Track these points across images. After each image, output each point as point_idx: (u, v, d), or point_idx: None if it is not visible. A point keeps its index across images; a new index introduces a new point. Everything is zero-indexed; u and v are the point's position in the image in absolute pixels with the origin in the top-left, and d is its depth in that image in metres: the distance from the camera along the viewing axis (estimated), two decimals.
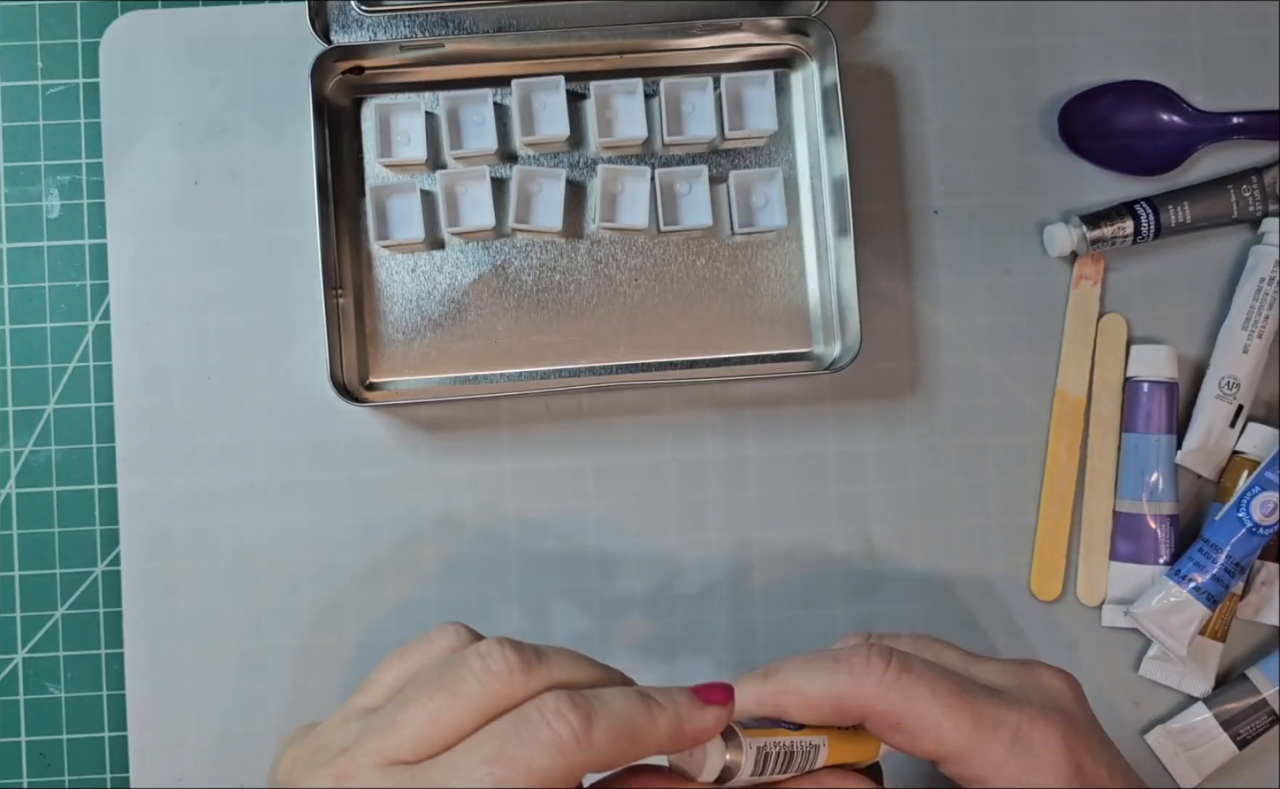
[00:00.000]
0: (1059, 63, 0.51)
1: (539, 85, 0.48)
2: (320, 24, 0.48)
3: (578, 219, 0.49)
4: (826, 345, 0.49)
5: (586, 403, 0.49)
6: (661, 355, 0.49)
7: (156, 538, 0.48)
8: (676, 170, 0.49)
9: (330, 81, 0.48)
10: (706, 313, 0.49)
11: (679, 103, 0.49)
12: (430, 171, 0.49)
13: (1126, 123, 0.50)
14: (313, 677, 0.48)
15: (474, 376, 0.49)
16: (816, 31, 0.48)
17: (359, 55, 0.48)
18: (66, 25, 0.50)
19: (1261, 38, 0.51)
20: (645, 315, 0.49)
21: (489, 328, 0.49)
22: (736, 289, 0.49)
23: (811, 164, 0.50)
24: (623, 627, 0.49)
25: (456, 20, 0.48)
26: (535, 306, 0.49)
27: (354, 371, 0.48)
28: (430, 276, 0.49)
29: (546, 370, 0.49)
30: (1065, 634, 0.50)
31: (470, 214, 0.48)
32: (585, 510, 0.49)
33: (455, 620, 0.35)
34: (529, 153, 0.49)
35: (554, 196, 0.48)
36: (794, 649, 0.49)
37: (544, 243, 0.49)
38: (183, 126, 0.49)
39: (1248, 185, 0.49)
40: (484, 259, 0.49)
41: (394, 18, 0.48)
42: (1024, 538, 0.50)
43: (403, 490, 0.49)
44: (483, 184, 0.48)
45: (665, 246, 0.49)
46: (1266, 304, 0.49)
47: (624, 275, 0.49)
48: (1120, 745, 0.48)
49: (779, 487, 0.49)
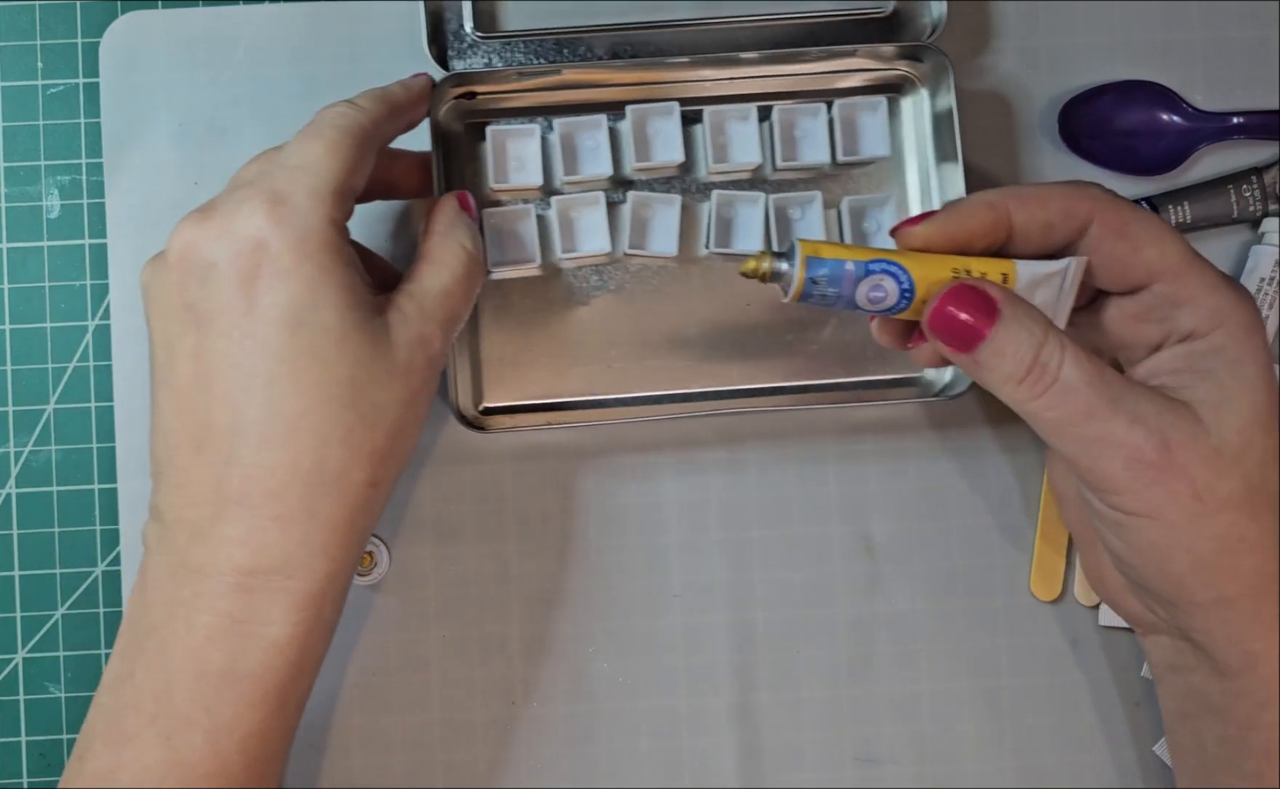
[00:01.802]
0: (1059, 63, 0.51)
1: (653, 111, 0.48)
2: (436, 49, 0.48)
3: (690, 244, 0.49)
4: (937, 371, 0.49)
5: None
6: (776, 380, 0.49)
7: None
8: (789, 196, 0.49)
9: (443, 107, 0.48)
10: (819, 336, 0.49)
11: (792, 127, 0.49)
12: (542, 197, 0.49)
13: (1126, 123, 0.50)
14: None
15: (588, 400, 0.49)
16: (931, 58, 0.48)
17: (477, 82, 0.48)
18: (66, 25, 0.50)
19: (1261, 38, 0.51)
20: (758, 340, 0.49)
21: (602, 353, 0.49)
22: (849, 312, 0.49)
23: (922, 189, 0.50)
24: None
25: (571, 46, 0.49)
26: (648, 331, 0.49)
27: (469, 397, 0.49)
28: (544, 301, 0.49)
29: (660, 395, 0.49)
30: (1065, 634, 0.50)
31: (586, 239, 0.48)
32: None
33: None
34: (641, 177, 0.49)
35: (669, 222, 0.48)
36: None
37: (657, 267, 0.49)
38: (183, 126, 0.49)
39: (1248, 185, 0.49)
40: (597, 284, 0.49)
41: (508, 43, 0.49)
42: (1024, 538, 0.50)
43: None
44: (598, 209, 0.48)
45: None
46: (1266, 304, 0.49)
47: (737, 300, 0.49)
48: (1124, 754, 0.49)
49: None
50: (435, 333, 0.40)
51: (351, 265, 0.39)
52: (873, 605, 0.49)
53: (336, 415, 0.38)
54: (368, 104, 0.42)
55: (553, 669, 0.49)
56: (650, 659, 0.49)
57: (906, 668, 0.49)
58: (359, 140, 0.40)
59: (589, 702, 0.49)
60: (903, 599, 0.50)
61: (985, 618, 0.50)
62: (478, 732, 0.49)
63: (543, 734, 0.49)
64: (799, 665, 0.49)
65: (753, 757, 0.49)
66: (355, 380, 0.38)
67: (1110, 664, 0.50)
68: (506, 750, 0.49)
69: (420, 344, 0.40)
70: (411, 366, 0.40)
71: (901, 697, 0.49)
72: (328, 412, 0.38)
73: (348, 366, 0.38)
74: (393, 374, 0.39)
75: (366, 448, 0.39)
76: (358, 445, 0.38)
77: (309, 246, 0.38)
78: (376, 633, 0.49)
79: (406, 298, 0.40)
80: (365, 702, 0.48)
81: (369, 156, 0.41)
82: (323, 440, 0.38)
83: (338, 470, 0.38)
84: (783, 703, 0.49)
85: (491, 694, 0.49)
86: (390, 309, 0.40)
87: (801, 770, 0.49)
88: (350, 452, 0.38)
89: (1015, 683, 0.49)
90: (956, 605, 0.50)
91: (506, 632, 0.49)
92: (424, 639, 0.49)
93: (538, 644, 0.49)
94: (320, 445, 0.38)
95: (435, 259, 0.42)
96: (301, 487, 0.38)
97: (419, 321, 0.40)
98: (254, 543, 0.38)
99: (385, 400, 0.39)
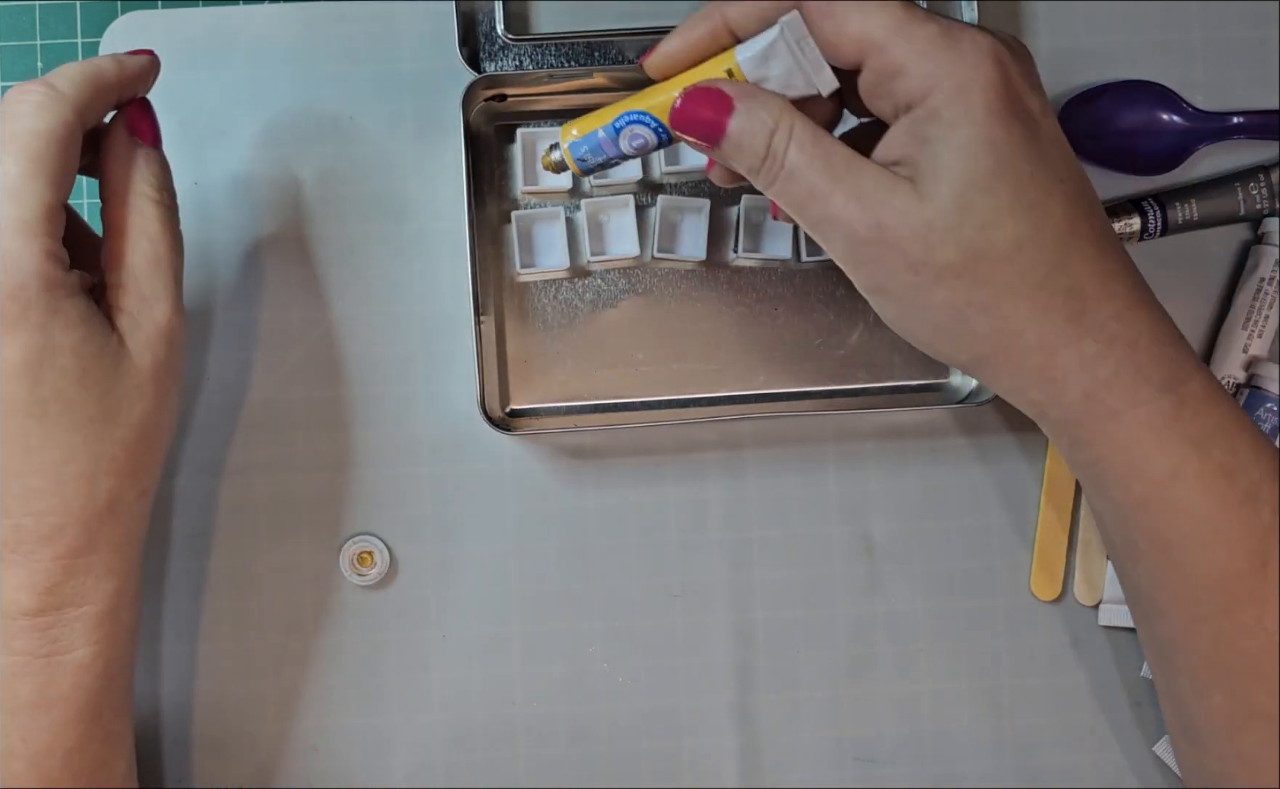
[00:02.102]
0: (1059, 63, 0.51)
1: None
2: (468, 52, 0.48)
3: (719, 248, 0.49)
4: (963, 377, 0.49)
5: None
6: (801, 384, 0.49)
7: (155, 538, 0.48)
8: None
9: (474, 109, 0.48)
10: (845, 341, 0.49)
11: None
12: (571, 200, 0.49)
13: (1126, 123, 0.50)
14: (315, 677, 0.48)
15: (614, 403, 0.49)
16: None
17: (508, 84, 0.48)
18: (66, 25, 0.50)
19: (1261, 38, 0.51)
20: (785, 344, 0.49)
21: (629, 355, 0.49)
22: (877, 318, 0.49)
23: None
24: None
25: (602, 49, 0.49)
26: (675, 335, 0.49)
27: (495, 398, 0.49)
28: (571, 304, 0.49)
29: (685, 399, 0.49)
30: (1065, 634, 0.50)
31: (615, 243, 0.48)
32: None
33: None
34: (670, 181, 0.49)
35: (698, 226, 0.48)
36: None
37: (685, 271, 0.49)
38: (182, 126, 0.49)
39: (1255, 183, 0.49)
40: (624, 287, 0.49)
41: (539, 46, 0.49)
42: (1024, 538, 0.50)
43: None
44: (627, 213, 0.48)
45: (805, 276, 0.49)
46: (1266, 304, 0.49)
47: (764, 305, 0.49)
48: (1126, 755, 0.49)
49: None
50: (164, 310, 0.39)
51: (76, 292, 0.38)
52: (873, 605, 0.49)
53: (97, 450, 0.38)
54: (70, 89, 0.38)
55: (553, 669, 0.49)
56: (650, 659, 0.49)
57: (906, 668, 0.49)
58: (63, 143, 0.37)
59: (589, 702, 0.49)
60: (903, 599, 0.50)
61: (985, 618, 0.50)
62: (478, 732, 0.49)
63: (543, 734, 0.49)
64: (799, 665, 0.49)
65: (753, 757, 0.49)
66: (106, 410, 0.38)
67: (1110, 664, 0.50)
68: (506, 750, 0.49)
69: (157, 335, 0.39)
70: (156, 363, 0.39)
71: (901, 697, 0.49)
72: (87, 450, 0.38)
73: (95, 400, 0.38)
74: (141, 386, 0.39)
75: (131, 467, 0.39)
76: (122, 469, 0.39)
77: (30, 293, 0.36)
78: (376, 633, 0.49)
79: (122, 294, 0.39)
80: (365, 702, 0.48)
81: (75, 152, 0.38)
82: (89, 478, 0.38)
83: (110, 499, 0.39)
84: (783, 703, 0.49)
85: (491, 694, 0.49)
86: (116, 315, 0.39)
87: (801, 770, 0.49)
88: (117, 478, 0.39)
89: (1015, 683, 0.49)
90: (956, 605, 0.50)
91: (506, 632, 0.49)
92: (424, 639, 0.49)
93: (538, 644, 0.49)
94: (88, 484, 0.38)
95: (128, 228, 0.39)
96: (77, 525, 0.38)
97: (146, 314, 0.39)
98: (39, 586, 0.38)
99: (139, 412, 0.39)
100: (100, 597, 0.39)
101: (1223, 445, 0.38)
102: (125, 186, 0.40)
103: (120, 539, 0.39)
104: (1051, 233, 0.36)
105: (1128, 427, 0.38)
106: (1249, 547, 0.38)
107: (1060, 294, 0.37)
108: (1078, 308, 0.37)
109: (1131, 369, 0.37)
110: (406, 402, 0.49)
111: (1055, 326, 0.37)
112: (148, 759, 0.48)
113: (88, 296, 0.38)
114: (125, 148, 0.40)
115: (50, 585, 0.38)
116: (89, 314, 0.38)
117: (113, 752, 0.41)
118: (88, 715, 0.39)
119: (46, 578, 0.38)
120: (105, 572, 0.39)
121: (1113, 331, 0.37)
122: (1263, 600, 0.38)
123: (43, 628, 0.38)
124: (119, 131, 0.40)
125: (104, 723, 0.40)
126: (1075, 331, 0.37)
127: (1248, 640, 0.38)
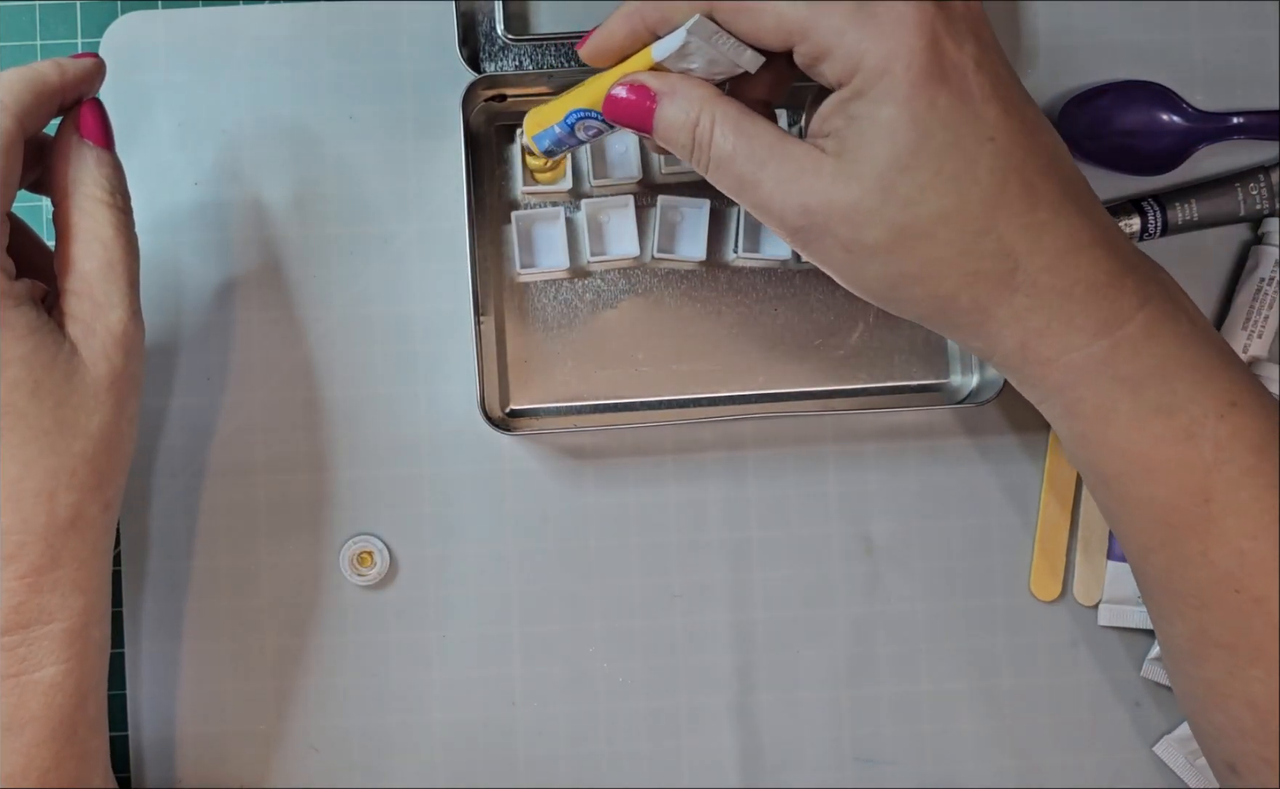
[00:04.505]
0: (1059, 63, 0.51)
1: None
2: (468, 52, 0.48)
3: (718, 248, 0.49)
4: (964, 376, 0.49)
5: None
6: (801, 384, 0.49)
7: (156, 538, 0.48)
8: None
9: (474, 109, 0.48)
10: (845, 341, 0.49)
11: None
12: (571, 200, 0.49)
13: (1126, 123, 0.50)
14: (315, 677, 0.48)
15: (614, 403, 0.49)
16: None
17: (507, 85, 0.48)
18: (66, 25, 0.50)
19: (1261, 38, 0.51)
20: (785, 344, 0.49)
21: (629, 355, 0.49)
22: (876, 318, 0.49)
23: None
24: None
25: None
26: (675, 335, 0.49)
27: (495, 398, 0.49)
28: (571, 304, 0.49)
29: (685, 399, 0.49)
30: (1065, 634, 0.50)
31: (615, 243, 0.49)
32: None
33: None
34: (670, 181, 0.49)
35: (698, 226, 0.48)
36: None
37: (685, 271, 0.49)
38: (182, 126, 0.49)
39: (1255, 183, 0.49)
40: (624, 287, 0.49)
41: (539, 46, 0.49)
42: (1024, 538, 0.50)
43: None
44: (627, 213, 0.48)
45: (805, 276, 0.49)
46: (1266, 304, 0.49)
47: (764, 305, 0.49)
48: (1126, 756, 0.49)
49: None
50: (120, 316, 0.39)
51: (23, 301, 0.37)
52: (873, 605, 0.49)
53: (54, 465, 0.37)
54: (8, 96, 0.37)
55: (553, 669, 0.49)
56: (650, 659, 0.49)
57: (906, 668, 0.49)
58: (4, 150, 0.37)
59: (589, 702, 0.49)
60: (903, 599, 0.50)
61: (985, 618, 0.50)
62: (478, 732, 0.49)
63: (543, 734, 0.49)
64: (799, 665, 0.49)
65: (752, 757, 0.49)
66: (62, 421, 0.37)
67: (1110, 664, 0.50)
68: (506, 750, 0.49)
69: (112, 343, 0.38)
70: (113, 372, 0.38)
71: (901, 697, 0.49)
72: (44, 464, 0.37)
73: (49, 413, 0.37)
74: (97, 395, 0.38)
75: (93, 480, 0.38)
76: (84, 483, 0.38)
77: None
78: (376, 633, 0.49)
79: (76, 300, 0.38)
80: (365, 702, 0.49)
81: (17, 160, 0.37)
82: (49, 494, 0.38)
83: (72, 514, 0.38)
84: (783, 703, 0.49)
85: (491, 694, 0.49)
86: (68, 322, 0.38)
87: (801, 770, 0.49)
88: (79, 492, 0.38)
89: (1015, 683, 0.49)
90: (956, 605, 0.50)
91: (506, 632, 0.49)
92: (424, 639, 0.49)
93: (538, 644, 0.49)
94: (48, 500, 0.38)
95: (79, 232, 0.38)
96: (39, 542, 0.38)
97: (100, 321, 0.38)
98: (3, 605, 0.38)
99: (98, 422, 0.38)
100: (68, 613, 0.39)
101: (1158, 385, 0.38)
102: (76, 189, 0.39)
103: (86, 554, 0.39)
104: (977, 199, 0.36)
105: (1061, 371, 0.38)
106: (1188, 482, 0.38)
107: (988, 257, 0.37)
108: (1008, 267, 0.37)
109: (1064, 318, 0.38)
110: (406, 402, 0.49)
111: (986, 289, 0.37)
112: (148, 759, 0.48)
113: (37, 305, 0.38)
114: (75, 150, 0.39)
115: (15, 604, 0.38)
116: (38, 324, 0.37)
117: (89, 769, 0.40)
118: (61, 734, 0.39)
119: (10, 597, 0.38)
120: (72, 588, 0.39)
121: (1044, 284, 0.37)
122: (1206, 534, 0.38)
123: (10, 647, 0.38)
124: (68, 133, 0.39)
125: (78, 741, 0.40)
126: (1006, 289, 0.37)
127: (1196, 572, 0.38)
